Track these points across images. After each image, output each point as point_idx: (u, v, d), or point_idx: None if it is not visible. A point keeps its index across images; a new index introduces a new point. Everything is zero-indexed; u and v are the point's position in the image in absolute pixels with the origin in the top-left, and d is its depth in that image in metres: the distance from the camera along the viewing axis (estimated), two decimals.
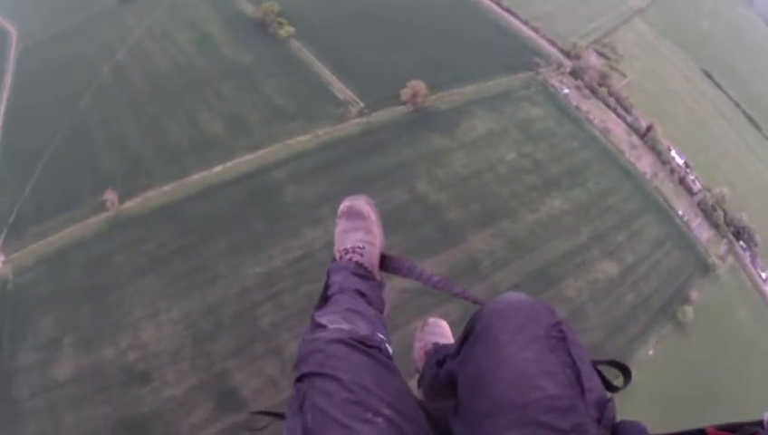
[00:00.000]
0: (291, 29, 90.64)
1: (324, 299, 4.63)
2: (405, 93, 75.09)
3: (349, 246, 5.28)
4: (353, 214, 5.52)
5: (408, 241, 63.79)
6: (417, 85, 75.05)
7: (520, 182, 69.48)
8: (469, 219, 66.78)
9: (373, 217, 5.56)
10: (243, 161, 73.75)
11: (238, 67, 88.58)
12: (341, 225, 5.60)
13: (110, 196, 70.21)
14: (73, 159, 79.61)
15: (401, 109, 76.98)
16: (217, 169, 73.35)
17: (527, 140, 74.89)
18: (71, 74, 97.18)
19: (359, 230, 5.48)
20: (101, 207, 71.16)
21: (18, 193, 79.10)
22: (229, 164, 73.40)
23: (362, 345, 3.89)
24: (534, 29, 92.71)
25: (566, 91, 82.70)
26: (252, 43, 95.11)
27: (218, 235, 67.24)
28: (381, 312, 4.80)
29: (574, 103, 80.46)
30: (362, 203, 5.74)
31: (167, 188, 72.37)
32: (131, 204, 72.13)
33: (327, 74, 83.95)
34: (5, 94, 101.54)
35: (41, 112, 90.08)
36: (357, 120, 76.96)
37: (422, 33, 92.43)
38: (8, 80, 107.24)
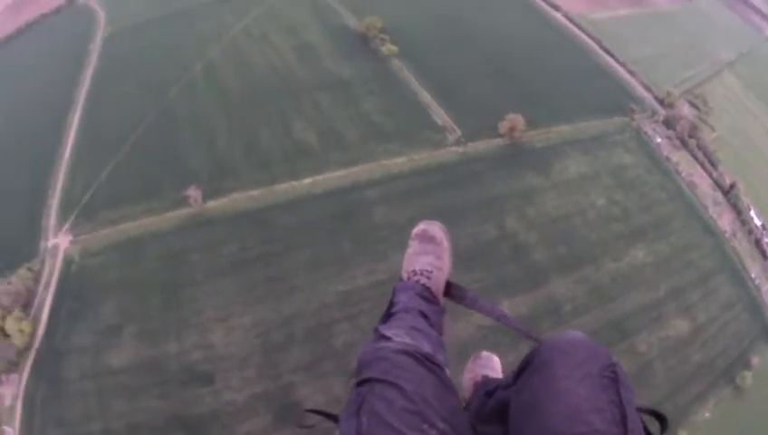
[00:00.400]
0: (393, 47, 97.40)
1: (388, 315, 5.12)
2: (503, 126, 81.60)
3: (418, 268, 5.89)
4: (426, 238, 6.18)
5: (491, 278, 68.03)
6: (516, 119, 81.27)
7: (607, 229, 74.24)
8: (554, 262, 70.59)
9: (445, 243, 6.19)
10: (335, 176, 78.24)
11: (337, 80, 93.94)
12: (413, 247, 6.19)
13: (193, 193, 75.34)
14: (157, 151, 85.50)
15: (498, 141, 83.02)
16: (308, 180, 77.91)
17: (618, 187, 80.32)
18: (160, 65, 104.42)
19: (429, 254, 6.03)
20: (183, 202, 75.76)
21: (94, 176, 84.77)
22: (320, 177, 77.84)
23: (426, 361, 4.19)
24: (631, 72, 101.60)
25: (658, 140, 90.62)
26: (353, 56, 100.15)
27: (302, 247, 70.98)
28: (440, 335, 5.20)
29: (665, 154, 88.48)
30: (436, 229, 6.32)
31: (254, 193, 77.33)
32: (215, 204, 76.81)
33: (427, 98, 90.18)
34: (89, 73, 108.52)
35: (125, 98, 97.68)
36: (453, 148, 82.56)
37: (524, 65, 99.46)
38: (93, 60, 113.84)
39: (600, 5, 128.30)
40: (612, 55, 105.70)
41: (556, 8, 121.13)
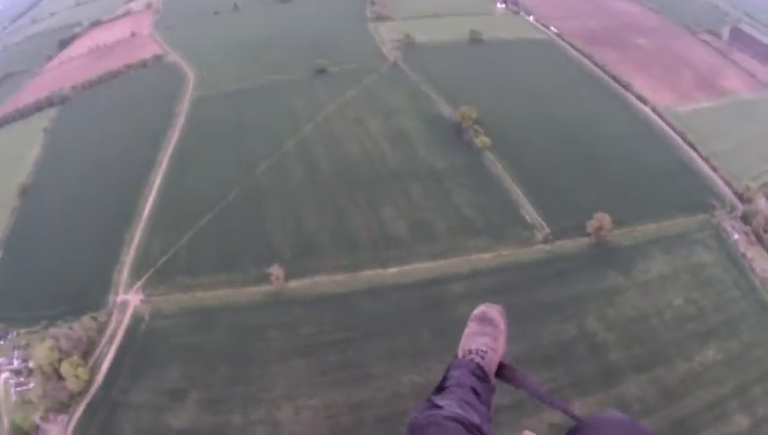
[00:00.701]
0: (487, 140, 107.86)
1: (441, 388, 5.70)
2: (590, 225, 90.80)
3: (473, 347, 6.56)
4: (485, 320, 6.99)
5: (566, 377, 73.12)
6: (603, 219, 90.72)
7: (682, 329, 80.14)
8: (629, 363, 76.41)
9: (502, 326, 6.92)
10: (421, 268, 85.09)
11: (430, 170, 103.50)
12: (472, 327, 6.88)
13: (276, 271, 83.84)
14: (241, 224, 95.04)
15: (584, 241, 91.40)
16: (393, 270, 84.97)
17: (695, 287, 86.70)
18: (249, 137, 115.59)
19: (486, 336, 6.69)
20: (264, 279, 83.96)
21: (173, 240, 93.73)
22: (407, 268, 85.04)
23: (475, 430, 4.59)
24: (713, 168, 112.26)
25: (736, 236, 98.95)
26: (446, 146, 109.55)
27: (381, 336, 76.78)
28: (489, 411, 5.78)
29: (741, 250, 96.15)
30: (495, 312, 7.07)
31: (338, 277, 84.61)
32: (297, 284, 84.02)
33: (518, 194, 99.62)
34: (175, 135, 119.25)
35: (211, 165, 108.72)
36: (541, 246, 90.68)
37: (613, 160, 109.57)
38: (180, 122, 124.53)
39: (684, 98, 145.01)
40: (696, 150, 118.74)
41: (644, 101, 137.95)
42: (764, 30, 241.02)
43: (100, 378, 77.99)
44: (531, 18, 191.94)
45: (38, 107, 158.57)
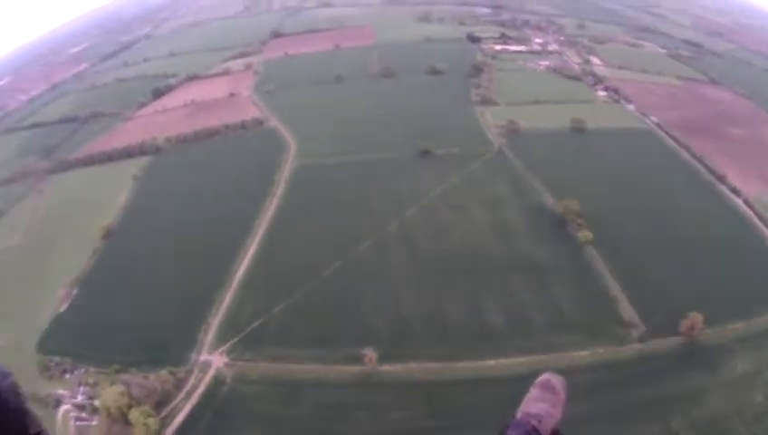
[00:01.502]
0: (588, 234, 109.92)
1: None
2: (683, 324, 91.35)
3: (532, 411, 7.54)
4: (548, 387, 8.12)
5: None
6: (696, 318, 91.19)
7: (760, 425, 79.23)
8: None
9: (562, 396, 8.00)
10: (517, 362, 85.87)
11: (531, 262, 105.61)
12: (533, 393, 8.00)
13: (369, 353, 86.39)
14: (337, 301, 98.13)
15: (676, 340, 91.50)
16: (490, 362, 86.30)
17: None
18: (351, 214, 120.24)
19: (546, 402, 7.76)
20: (357, 359, 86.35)
21: (266, 307, 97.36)
22: (502, 361, 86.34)
23: None
24: None
25: None
26: (548, 239, 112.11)
27: (470, 427, 75.58)
28: None
29: None
30: (558, 381, 8.23)
31: (432, 365, 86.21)
32: (390, 368, 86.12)
33: (616, 290, 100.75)
34: (274, 204, 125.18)
35: (309, 238, 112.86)
36: (635, 345, 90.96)
37: (708, 256, 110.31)
38: (280, 191, 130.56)
39: None
40: None
41: (737, 193, 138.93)
42: None
43: (169, 431, 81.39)
44: (631, 107, 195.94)
45: (129, 153, 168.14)
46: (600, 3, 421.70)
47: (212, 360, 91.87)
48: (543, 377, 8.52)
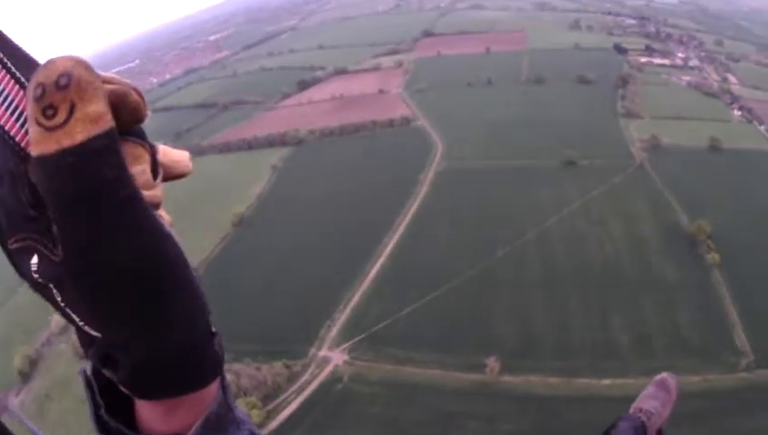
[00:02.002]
0: (717, 257, 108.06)
1: (606, 433, 6.93)
2: None
3: (645, 407, 7.91)
4: (663, 386, 8.29)
5: None
6: None
7: None
8: None
9: (674, 395, 8.15)
10: (635, 384, 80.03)
11: (660, 281, 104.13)
12: (649, 390, 8.16)
13: (492, 363, 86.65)
14: (467, 307, 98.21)
15: None
16: (607, 381, 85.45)
17: None
18: (491, 218, 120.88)
19: (658, 400, 7.92)
20: (479, 368, 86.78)
21: (394, 309, 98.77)
22: (620, 381, 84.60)
23: None
24: None
25: None
26: (679, 259, 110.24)
27: None
28: None
29: None
30: (674, 381, 8.28)
31: (551, 380, 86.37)
32: (510, 379, 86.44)
33: (734, 317, 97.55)
34: (415, 204, 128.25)
35: (446, 242, 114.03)
36: (743, 374, 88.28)
37: None
38: (422, 191, 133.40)
39: None
40: None
41: None
42: None
43: (274, 425, 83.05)
44: (763, 128, 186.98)
45: (269, 143, 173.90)
46: (736, 19, 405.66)
47: (331, 356, 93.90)
48: (661, 376, 8.49)
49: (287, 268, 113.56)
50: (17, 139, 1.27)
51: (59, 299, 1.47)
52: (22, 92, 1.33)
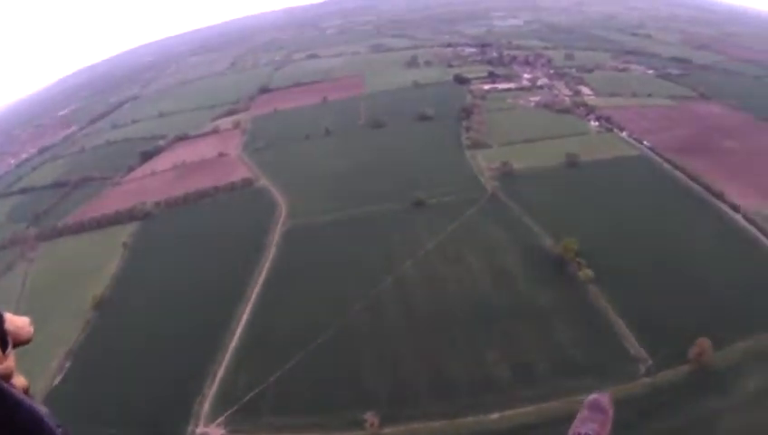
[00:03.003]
0: (589, 272, 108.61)
1: None
2: (692, 352, 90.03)
3: (582, 431, 7.92)
4: (596, 407, 8.52)
5: None
6: (704, 343, 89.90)
7: None
8: None
9: (610, 413, 8.36)
10: (523, 412, 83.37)
11: (532, 307, 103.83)
12: (584, 413, 8.29)
13: (370, 417, 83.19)
14: (334, 365, 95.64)
15: (685, 368, 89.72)
16: (495, 416, 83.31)
17: None
18: (344, 274, 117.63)
19: (594, 422, 8.08)
20: (358, 424, 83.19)
21: (262, 376, 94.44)
22: (508, 413, 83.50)
23: None
24: None
25: None
26: (548, 281, 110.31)
27: None
28: None
29: None
30: (606, 400, 8.56)
31: (435, 425, 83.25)
32: (392, 431, 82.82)
33: (621, 327, 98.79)
34: (265, 268, 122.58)
35: (303, 302, 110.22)
36: (644, 379, 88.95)
37: (710, 277, 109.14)
38: (271, 254, 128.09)
39: None
40: None
41: (736, 209, 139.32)
42: None
43: None
44: (624, 134, 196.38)
45: (118, 219, 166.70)
46: (587, 30, 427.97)
47: (209, 432, 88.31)
48: (592, 397, 8.83)
49: (152, 347, 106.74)
50: None
51: None
52: None
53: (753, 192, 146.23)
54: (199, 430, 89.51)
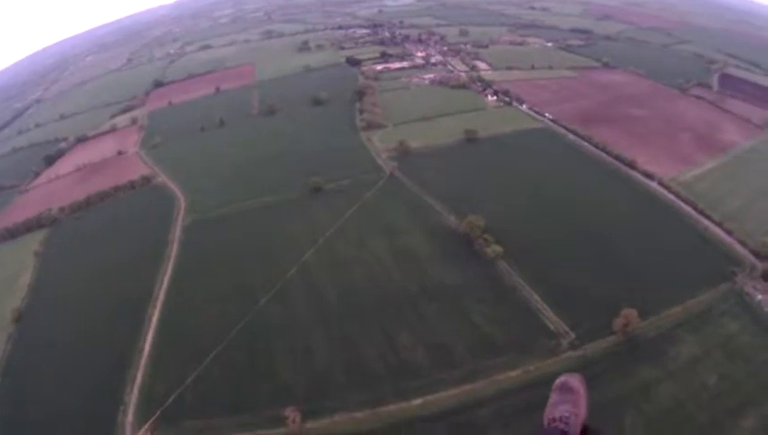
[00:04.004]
0: (498, 248, 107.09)
1: None
2: (617, 323, 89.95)
3: (557, 416, 7.85)
4: (565, 389, 8.30)
5: None
6: (629, 314, 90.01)
7: (719, 407, 78.56)
8: None
9: (582, 392, 8.25)
10: (445, 396, 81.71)
11: (442, 288, 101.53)
12: (554, 398, 8.22)
13: (291, 413, 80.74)
14: (249, 362, 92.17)
15: (612, 339, 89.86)
16: (417, 401, 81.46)
17: (727, 361, 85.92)
18: (249, 267, 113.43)
19: (567, 403, 7.98)
20: (280, 421, 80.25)
21: (178, 379, 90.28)
22: (430, 398, 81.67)
23: None
24: (728, 231, 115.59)
25: (759, 297, 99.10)
26: (456, 260, 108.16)
27: None
28: None
29: (766, 309, 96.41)
30: (575, 380, 8.49)
31: (358, 415, 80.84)
32: (315, 425, 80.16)
33: (537, 301, 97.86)
34: (170, 266, 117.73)
35: (211, 299, 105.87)
36: (569, 353, 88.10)
37: (630, 248, 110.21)
38: (174, 252, 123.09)
39: (687, 163, 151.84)
40: (709, 217, 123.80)
41: (650, 176, 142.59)
42: (752, 69, 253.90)
43: None
44: (524, 107, 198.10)
45: (28, 227, 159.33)
46: (482, 6, 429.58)
47: None
48: (559, 380, 8.79)
49: (70, 362, 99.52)
50: None
51: None
52: None
53: (666, 159, 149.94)
54: None
